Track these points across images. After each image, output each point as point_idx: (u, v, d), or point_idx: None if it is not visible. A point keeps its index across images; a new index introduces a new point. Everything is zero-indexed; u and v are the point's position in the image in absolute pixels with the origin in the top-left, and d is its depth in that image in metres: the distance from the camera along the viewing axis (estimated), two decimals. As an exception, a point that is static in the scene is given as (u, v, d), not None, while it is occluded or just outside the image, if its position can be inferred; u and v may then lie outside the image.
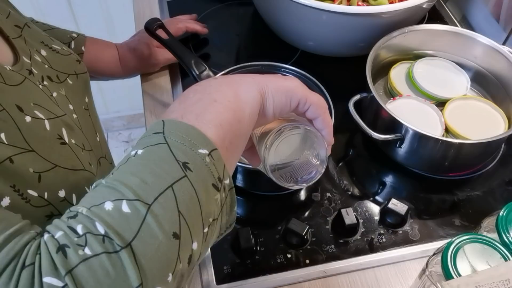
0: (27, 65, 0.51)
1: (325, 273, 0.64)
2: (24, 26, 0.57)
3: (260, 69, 0.75)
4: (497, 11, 0.88)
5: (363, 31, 0.80)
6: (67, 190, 0.47)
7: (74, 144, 0.50)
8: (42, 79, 0.53)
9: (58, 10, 1.45)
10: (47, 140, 0.47)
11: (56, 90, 0.54)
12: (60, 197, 0.46)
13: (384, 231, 0.67)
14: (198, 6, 1.00)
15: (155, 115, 0.82)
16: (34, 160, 0.45)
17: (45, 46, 0.59)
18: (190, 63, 0.75)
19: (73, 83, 0.59)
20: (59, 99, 0.54)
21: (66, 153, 0.48)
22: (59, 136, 0.48)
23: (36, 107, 0.48)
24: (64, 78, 0.58)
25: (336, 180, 0.73)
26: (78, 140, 0.52)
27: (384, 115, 0.70)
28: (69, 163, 0.48)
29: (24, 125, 0.45)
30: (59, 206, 0.46)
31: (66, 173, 0.47)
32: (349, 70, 0.85)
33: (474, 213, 0.70)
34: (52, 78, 0.55)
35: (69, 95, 0.57)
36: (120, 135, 1.98)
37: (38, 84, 0.51)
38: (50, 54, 0.58)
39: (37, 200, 0.44)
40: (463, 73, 0.81)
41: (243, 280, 0.63)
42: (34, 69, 0.52)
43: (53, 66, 0.57)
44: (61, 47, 0.62)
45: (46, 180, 0.45)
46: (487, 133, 0.70)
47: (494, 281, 0.45)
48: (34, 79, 0.50)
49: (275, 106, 0.46)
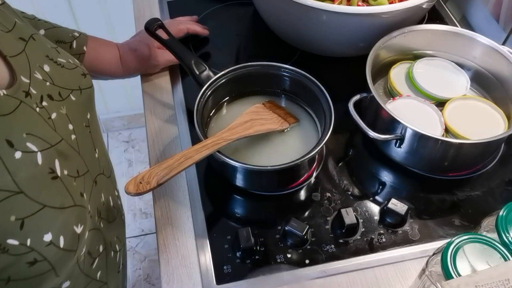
0: (24, 86, 0.49)
1: (325, 273, 0.64)
2: (29, 39, 0.55)
3: (260, 69, 0.75)
4: (497, 11, 0.88)
5: (363, 31, 0.80)
6: (54, 233, 0.46)
7: (67, 176, 0.50)
8: (41, 100, 0.51)
9: (58, 10, 1.45)
10: (37, 177, 0.46)
11: (56, 110, 0.53)
12: (45, 241, 0.45)
13: (384, 231, 0.67)
14: (198, 6, 1.00)
15: (155, 115, 0.82)
16: (20, 203, 0.44)
17: (50, 61, 0.57)
18: (190, 63, 0.75)
19: (76, 99, 0.58)
20: (58, 121, 0.52)
21: (56, 189, 0.47)
22: (51, 170, 0.47)
23: (29, 138, 0.46)
24: (67, 94, 0.57)
25: (336, 180, 0.73)
26: (71, 168, 0.51)
27: (384, 115, 0.70)
28: (59, 200, 0.47)
29: (13, 163, 0.44)
30: (44, 251, 0.45)
31: (55, 213, 0.46)
32: (349, 70, 0.85)
33: (474, 213, 0.70)
34: (53, 96, 0.54)
35: (70, 113, 0.56)
36: (120, 135, 1.98)
37: (35, 107, 0.49)
38: (54, 69, 0.56)
39: (17, 248, 0.43)
40: (463, 73, 0.81)
41: (243, 280, 0.63)
42: (33, 89, 0.50)
43: (55, 82, 0.55)
44: (66, 60, 0.60)
45: (30, 226, 0.44)
46: (487, 133, 0.70)
47: (494, 281, 0.45)
48: (31, 102, 0.49)
49: None
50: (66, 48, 0.74)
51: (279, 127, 0.72)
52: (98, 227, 0.59)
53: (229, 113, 0.77)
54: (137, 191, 0.55)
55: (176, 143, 0.78)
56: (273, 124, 0.72)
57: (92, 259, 0.58)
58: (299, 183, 0.72)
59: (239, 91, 0.78)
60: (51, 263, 0.46)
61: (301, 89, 0.75)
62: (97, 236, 0.59)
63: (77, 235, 0.49)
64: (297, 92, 0.77)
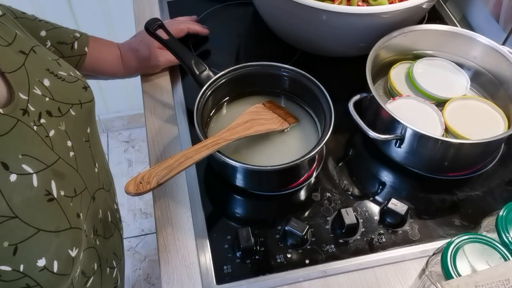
0: (22, 104, 0.48)
1: (325, 273, 0.64)
2: (29, 52, 0.54)
3: (260, 69, 0.75)
4: (497, 11, 0.88)
5: (363, 31, 0.80)
6: (48, 257, 0.45)
7: (63, 196, 0.49)
8: (39, 117, 0.50)
9: (58, 10, 1.45)
10: (33, 200, 0.45)
11: (55, 127, 0.52)
12: (39, 266, 0.44)
13: (384, 231, 0.67)
14: (198, 6, 1.00)
15: (155, 115, 0.82)
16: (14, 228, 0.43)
17: (50, 74, 0.56)
18: (190, 63, 0.75)
19: (76, 114, 0.57)
20: (56, 138, 0.52)
21: (52, 212, 0.47)
22: (47, 192, 0.47)
23: (25, 159, 0.46)
24: (67, 109, 0.56)
25: (336, 180, 0.73)
26: (68, 187, 0.51)
27: (384, 115, 0.70)
28: (54, 223, 0.47)
29: (8, 187, 0.43)
30: (37, 277, 0.44)
31: (49, 237, 0.46)
32: (349, 70, 0.85)
33: (474, 213, 0.70)
34: (52, 112, 0.53)
35: (70, 129, 0.55)
36: (120, 135, 1.98)
37: (32, 125, 0.49)
38: (54, 84, 0.55)
39: (10, 274, 0.43)
40: (463, 73, 0.81)
41: (243, 280, 0.63)
42: (31, 106, 0.50)
43: (55, 97, 0.54)
44: (67, 73, 0.59)
45: (24, 251, 0.43)
46: (487, 133, 0.70)
47: (494, 281, 0.45)
48: (28, 120, 0.48)
49: None
50: (68, 49, 0.74)
51: (279, 127, 0.72)
52: (94, 245, 0.59)
53: (229, 113, 0.77)
54: (137, 191, 0.55)
55: (176, 143, 0.78)
56: (273, 124, 0.72)
57: (86, 278, 0.57)
58: (299, 183, 0.72)
59: (239, 91, 0.78)
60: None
61: (301, 89, 0.75)
62: (92, 255, 0.58)
63: (71, 258, 0.48)
64: (297, 92, 0.77)
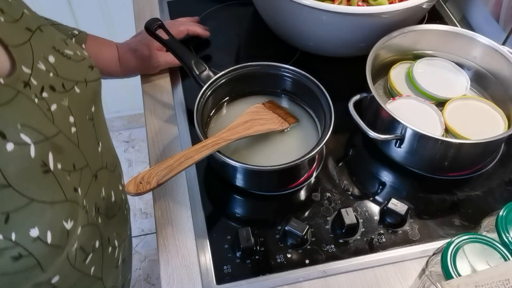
0: (24, 76, 0.49)
1: (325, 273, 0.64)
2: (36, 30, 0.54)
3: (260, 69, 0.75)
4: (497, 11, 0.88)
5: (363, 31, 0.80)
6: (41, 228, 0.45)
7: (60, 170, 0.49)
8: (41, 90, 0.50)
9: (58, 9, 1.45)
10: (28, 171, 0.45)
11: (57, 102, 0.52)
12: (31, 236, 0.44)
13: (384, 231, 0.67)
14: (198, 6, 1.00)
15: (155, 115, 0.82)
16: (7, 197, 0.43)
17: (56, 52, 0.56)
18: (190, 63, 0.75)
19: (81, 92, 0.57)
20: (57, 113, 0.52)
21: (47, 184, 0.47)
22: (43, 163, 0.47)
23: (23, 129, 0.46)
24: (71, 86, 0.56)
25: (336, 180, 0.73)
26: (67, 162, 0.50)
27: (384, 115, 0.70)
28: (49, 195, 0.46)
29: (4, 156, 0.43)
30: (30, 246, 0.44)
31: (43, 208, 0.45)
32: (349, 70, 0.85)
33: (474, 213, 0.70)
34: (55, 88, 0.53)
35: (73, 106, 0.55)
36: (120, 135, 1.98)
37: (34, 98, 0.49)
38: (60, 61, 0.56)
39: (1, 242, 0.42)
40: (463, 73, 0.81)
41: (243, 280, 0.63)
42: (34, 80, 0.50)
43: (60, 73, 0.55)
44: (74, 52, 0.59)
45: (16, 220, 0.43)
46: (487, 133, 0.70)
47: (494, 281, 0.45)
48: (29, 93, 0.48)
49: None
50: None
51: (279, 127, 0.72)
52: (95, 223, 0.58)
53: (229, 113, 0.77)
54: (137, 191, 0.55)
55: (176, 143, 0.78)
56: (273, 124, 0.72)
57: (85, 254, 0.57)
58: (299, 183, 0.72)
59: (239, 91, 0.78)
60: (37, 258, 0.46)
61: (301, 89, 0.75)
62: (93, 232, 0.58)
63: (66, 231, 0.48)
64: (297, 92, 0.77)
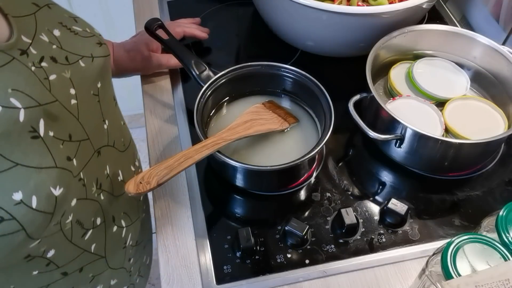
0: (22, 45, 0.48)
1: (325, 273, 0.64)
2: (44, 6, 0.54)
3: (260, 69, 0.75)
4: (497, 11, 0.88)
5: (363, 31, 0.80)
6: (25, 192, 0.44)
7: (51, 137, 0.48)
8: (40, 60, 0.50)
9: (58, 10, 1.45)
10: (14, 134, 0.44)
11: (58, 73, 0.52)
12: (14, 200, 0.44)
13: (384, 231, 0.67)
14: (198, 6, 1.00)
15: (155, 115, 0.82)
16: None
17: (63, 27, 0.56)
18: (190, 63, 0.75)
19: (86, 66, 0.56)
20: (56, 83, 0.51)
21: (34, 149, 0.46)
22: (33, 129, 0.46)
23: (14, 94, 0.45)
24: (76, 59, 0.55)
25: (336, 180, 0.73)
26: (61, 131, 0.50)
27: (384, 115, 0.70)
28: (36, 160, 0.46)
29: None
30: (12, 210, 0.44)
31: (28, 172, 0.45)
32: (349, 70, 0.85)
33: (474, 213, 0.70)
34: (57, 59, 0.52)
35: (76, 79, 0.54)
36: (120, 135, 1.98)
37: (30, 65, 0.48)
38: (65, 35, 0.55)
39: None
40: (462, 73, 0.81)
41: (243, 280, 0.63)
42: (33, 49, 0.49)
43: (64, 47, 0.54)
44: (83, 29, 0.59)
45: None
46: (487, 133, 0.70)
47: (494, 281, 0.45)
48: (26, 60, 0.48)
49: None
50: None
51: (279, 127, 0.72)
52: (96, 198, 0.58)
53: (229, 113, 0.77)
54: (137, 191, 0.55)
55: (176, 143, 0.78)
56: (273, 124, 0.72)
57: (83, 230, 0.56)
58: (299, 183, 0.72)
59: (239, 91, 0.78)
60: (21, 223, 0.45)
61: (301, 89, 0.75)
62: (92, 207, 0.57)
63: (54, 197, 0.47)
64: (297, 92, 0.77)
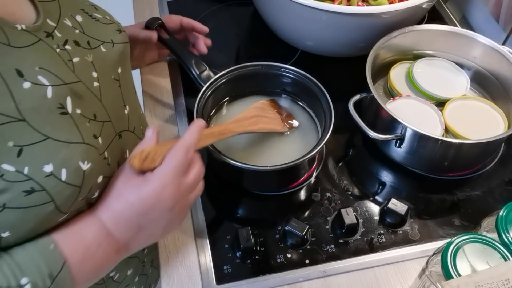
0: (48, 28, 0.50)
1: (325, 273, 0.64)
2: None
3: (260, 69, 0.75)
4: (497, 11, 0.88)
5: (363, 31, 0.80)
6: (55, 164, 0.46)
7: (79, 115, 0.49)
8: (64, 43, 0.52)
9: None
10: (44, 109, 0.46)
11: (81, 56, 0.53)
12: (45, 171, 0.45)
13: (384, 231, 0.67)
14: (198, 6, 1.00)
15: (155, 115, 0.82)
16: (21, 131, 0.44)
17: (84, 14, 0.58)
18: (190, 63, 0.75)
19: (107, 51, 0.58)
20: (79, 65, 0.53)
21: (63, 125, 0.47)
22: (61, 105, 0.47)
23: (41, 72, 0.47)
24: (97, 45, 0.57)
25: (336, 180, 0.73)
26: (87, 110, 0.51)
27: (384, 115, 0.70)
28: (65, 135, 0.47)
29: (20, 91, 0.44)
30: (43, 181, 0.45)
31: (58, 146, 0.46)
32: (349, 70, 0.85)
33: (474, 213, 0.70)
34: (80, 43, 0.54)
35: (97, 63, 0.56)
36: (120, 135, 1.97)
37: (55, 47, 0.50)
38: (87, 21, 0.57)
39: (13, 174, 0.43)
40: (462, 73, 0.81)
41: (243, 280, 0.63)
42: (58, 33, 0.51)
43: (86, 32, 0.56)
44: (103, 16, 0.61)
45: (29, 155, 0.44)
46: (486, 133, 0.70)
47: (493, 281, 0.45)
48: (51, 42, 0.50)
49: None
50: None
51: (282, 129, 0.72)
52: None
53: (229, 113, 0.77)
54: (142, 166, 0.52)
55: (176, 143, 0.78)
56: (276, 125, 0.72)
57: None
58: (299, 183, 0.72)
59: (239, 91, 0.78)
60: (50, 194, 0.46)
61: (301, 89, 0.75)
62: None
63: (82, 171, 0.48)
64: (297, 92, 0.77)
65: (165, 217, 0.53)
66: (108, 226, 0.51)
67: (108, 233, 0.51)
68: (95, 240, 0.51)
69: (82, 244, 0.50)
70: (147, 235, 0.54)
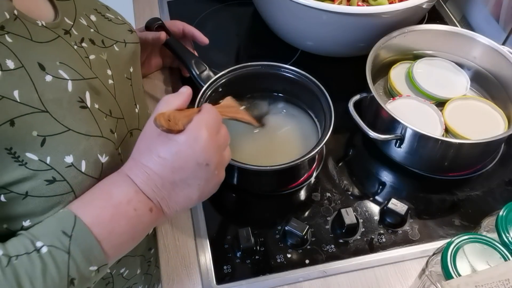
0: (65, 25, 0.52)
1: (325, 273, 0.64)
2: None
3: (260, 69, 0.75)
4: (497, 11, 0.88)
5: (363, 31, 0.80)
6: (76, 156, 0.47)
7: (97, 109, 0.50)
8: (81, 41, 0.53)
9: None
10: (65, 102, 0.47)
11: (96, 54, 0.55)
12: (66, 162, 0.46)
13: (384, 231, 0.67)
14: (198, 6, 1.00)
15: (155, 115, 0.82)
16: (44, 121, 0.45)
17: (98, 14, 0.60)
18: (190, 63, 0.75)
19: (120, 51, 0.60)
20: (95, 62, 0.54)
21: (83, 117, 0.48)
22: (80, 99, 0.49)
23: (62, 66, 0.48)
24: (111, 44, 0.59)
25: (336, 180, 0.73)
26: (104, 105, 0.52)
27: (384, 115, 0.70)
28: (84, 128, 0.48)
29: (42, 84, 0.45)
30: (64, 172, 0.46)
31: (78, 138, 0.47)
32: (349, 70, 0.85)
33: (474, 213, 0.70)
34: (95, 41, 0.56)
35: (111, 61, 0.57)
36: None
37: (73, 44, 0.51)
38: (101, 21, 0.59)
39: (36, 163, 0.45)
40: (462, 73, 0.81)
41: (243, 280, 0.63)
42: (75, 30, 0.53)
43: (100, 31, 0.58)
44: (115, 17, 0.63)
45: (52, 145, 0.45)
46: (486, 133, 0.70)
47: (493, 281, 0.45)
48: (69, 39, 0.51)
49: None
50: None
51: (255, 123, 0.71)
52: None
53: (229, 113, 0.77)
54: (169, 126, 0.49)
55: (176, 143, 0.78)
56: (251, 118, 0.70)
57: None
58: (299, 183, 0.72)
59: (239, 91, 0.78)
60: (71, 185, 0.47)
61: (301, 89, 0.75)
62: None
63: (100, 163, 0.49)
64: (297, 92, 0.77)
65: (201, 175, 0.50)
66: (137, 183, 0.49)
67: (138, 190, 0.49)
68: (123, 197, 0.48)
69: (110, 203, 0.48)
70: (183, 196, 0.50)
